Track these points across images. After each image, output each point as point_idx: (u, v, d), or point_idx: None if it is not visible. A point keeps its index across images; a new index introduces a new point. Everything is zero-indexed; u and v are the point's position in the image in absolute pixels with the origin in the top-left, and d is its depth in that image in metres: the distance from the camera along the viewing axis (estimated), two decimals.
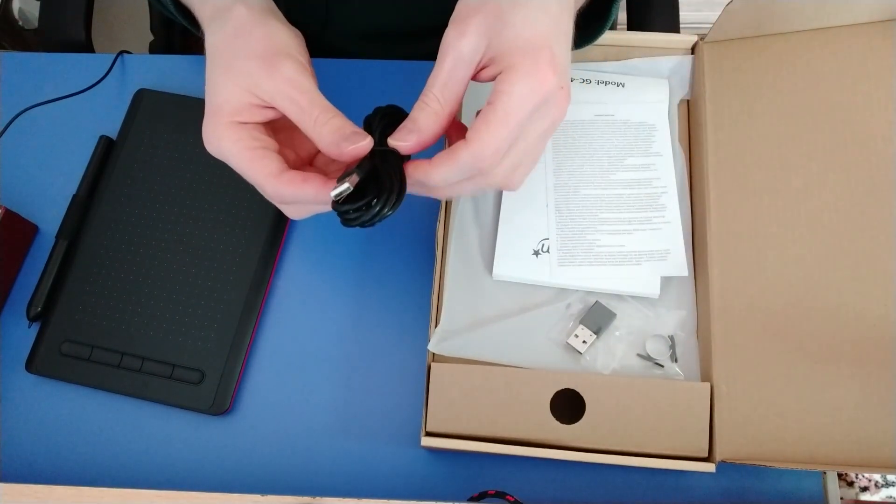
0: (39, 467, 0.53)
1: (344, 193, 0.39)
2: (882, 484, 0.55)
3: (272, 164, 0.40)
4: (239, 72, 0.40)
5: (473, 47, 0.38)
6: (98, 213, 0.58)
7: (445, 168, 0.39)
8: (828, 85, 0.52)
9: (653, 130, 0.56)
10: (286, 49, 0.40)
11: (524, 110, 0.38)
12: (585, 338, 0.51)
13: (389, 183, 0.39)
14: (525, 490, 0.51)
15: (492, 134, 0.37)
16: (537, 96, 0.38)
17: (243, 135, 0.40)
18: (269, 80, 0.39)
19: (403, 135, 0.39)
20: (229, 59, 0.40)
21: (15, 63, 0.64)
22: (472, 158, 0.38)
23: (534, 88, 0.37)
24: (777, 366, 0.48)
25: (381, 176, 0.39)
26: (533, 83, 0.37)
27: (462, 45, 0.38)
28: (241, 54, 0.40)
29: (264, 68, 0.39)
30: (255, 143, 0.40)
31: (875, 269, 0.48)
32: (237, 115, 0.40)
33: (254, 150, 0.40)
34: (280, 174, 0.40)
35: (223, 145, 0.40)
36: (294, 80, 0.39)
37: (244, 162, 0.40)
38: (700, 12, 1.25)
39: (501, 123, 0.37)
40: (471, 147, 0.38)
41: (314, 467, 0.52)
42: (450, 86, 0.39)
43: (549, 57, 0.38)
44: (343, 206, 0.39)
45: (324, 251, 0.58)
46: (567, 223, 0.54)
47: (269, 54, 0.39)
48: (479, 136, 0.37)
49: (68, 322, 0.55)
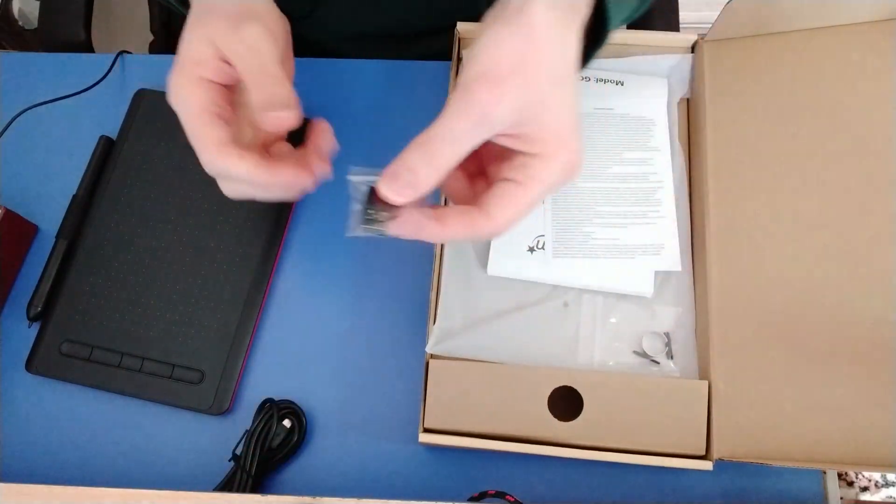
0: (39, 467, 0.53)
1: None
2: (882, 484, 0.55)
3: (217, 132, 0.39)
4: (206, 25, 0.39)
5: (505, 117, 0.35)
6: (98, 213, 0.58)
7: (457, 231, 0.37)
8: (828, 84, 0.52)
9: (651, 125, 0.56)
10: (255, 12, 0.40)
11: (548, 194, 0.38)
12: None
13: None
14: (525, 490, 0.51)
15: (517, 215, 0.37)
16: (564, 182, 0.37)
17: (202, 94, 0.39)
18: (229, 35, 0.39)
19: (400, 187, 0.36)
20: (202, 15, 0.40)
21: (15, 63, 0.64)
22: (490, 233, 0.37)
23: (564, 177, 0.37)
24: (775, 364, 0.48)
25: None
26: (566, 172, 0.37)
27: (495, 112, 0.35)
28: (214, 12, 0.40)
29: (229, 25, 0.39)
30: (211, 107, 0.39)
31: (874, 268, 0.48)
32: (200, 66, 0.39)
33: (205, 113, 0.39)
34: (220, 146, 0.39)
35: (180, 96, 0.39)
36: (253, 41, 0.39)
37: (192, 121, 0.39)
38: (700, 12, 1.25)
39: (528, 207, 0.37)
40: (492, 223, 0.37)
41: (314, 467, 0.52)
42: (462, 145, 0.36)
43: (580, 145, 0.37)
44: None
45: (323, 251, 0.58)
46: (563, 215, 0.54)
47: (238, 15, 0.39)
48: (504, 216, 0.37)
49: (68, 322, 0.55)
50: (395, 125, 0.60)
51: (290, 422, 0.52)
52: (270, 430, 0.51)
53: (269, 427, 0.51)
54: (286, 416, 0.52)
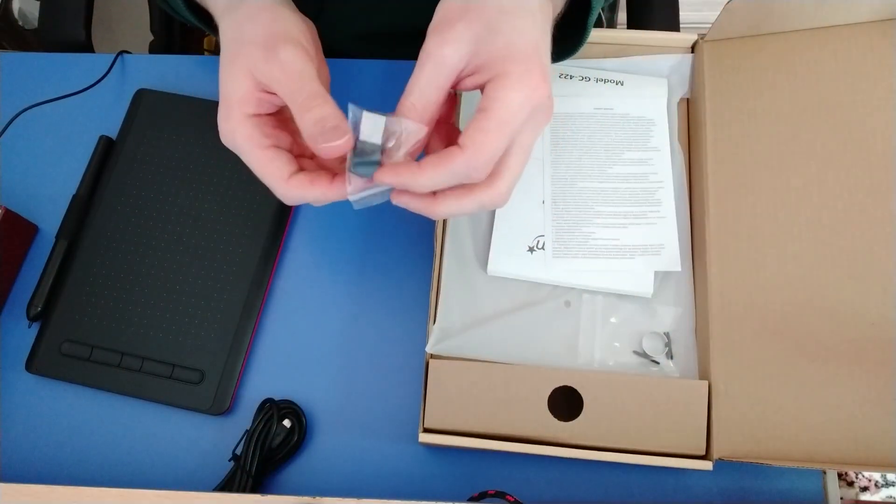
0: (39, 467, 0.53)
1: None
2: (882, 484, 0.55)
3: (282, 167, 0.40)
4: (243, 57, 0.40)
5: (457, 55, 0.38)
6: (98, 213, 0.58)
7: (436, 171, 0.38)
8: (827, 84, 0.52)
9: (651, 125, 0.56)
10: (288, 34, 0.40)
11: (518, 119, 0.38)
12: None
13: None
14: (525, 490, 0.51)
15: (488, 141, 0.37)
16: (531, 104, 0.38)
17: (254, 132, 0.40)
18: (266, 63, 0.39)
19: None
20: (236, 47, 0.40)
21: (15, 63, 0.64)
22: (466, 165, 0.38)
23: (528, 96, 0.37)
24: (775, 364, 0.48)
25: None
26: (528, 91, 0.37)
27: (445, 53, 0.37)
28: (246, 40, 0.40)
29: (263, 52, 0.39)
30: (266, 142, 0.40)
31: (874, 268, 0.48)
32: (246, 104, 0.40)
33: (264, 150, 0.40)
34: (289, 178, 0.40)
35: (236, 140, 0.40)
36: (288, 63, 0.39)
37: (256, 162, 0.40)
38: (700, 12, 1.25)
39: (497, 131, 0.37)
40: (465, 153, 0.37)
41: (313, 467, 0.52)
42: (427, 93, 0.38)
43: (539, 65, 0.38)
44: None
45: (323, 251, 0.58)
46: (563, 215, 0.54)
47: (270, 39, 0.39)
48: (475, 143, 0.37)
49: (68, 322, 0.55)
50: None
51: (290, 422, 0.52)
52: (270, 430, 0.51)
53: (269, 427, 0.51)
54: (286, 416, 0.52)
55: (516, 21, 0.38)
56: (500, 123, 0.37)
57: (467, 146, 0.37)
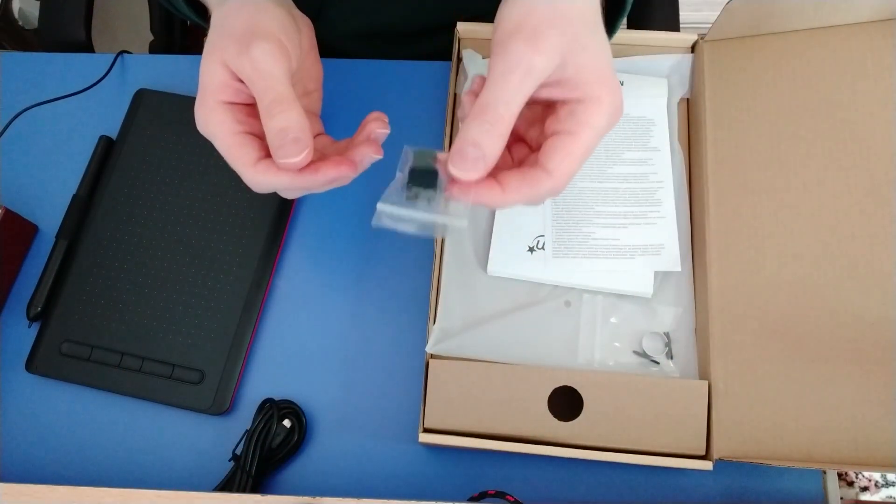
0: (39, 467, 0.53)
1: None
2: (882, 484, 0.55)
3: (251, 153, 0.40)
4: (218, 49, 0.40)
5: (548, 66, 0.36)
6: (98, 213, 0.58)
7: (522, 196, 0.37)
8: (827, 84, 0.52)
9: (651, 125, 0.56)
10: (265, 30, 0.40)
11: (599, 140, 0.38)
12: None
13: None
14: (525, 490, 0.51)
15: (574, 166, 0.37)
16: (612, 125, 0.38)
17: (227, 118, 0.40)
18: (237, 57, 0.39)
19: (469, 164, 0.36)
20: (215, 38, 0.40)
21: (15, 63, 0.64)
22: (551, 190, 0.37)
23: (612, 120, 0.37)
24: (775, 364, 0.48)
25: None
26: (613, 115, 0.37)
27: (536, 62, 0.35)
28: (225, 32, 0.40)
29: (237, 46, 0.39)
30: (238, 128, 0.40)
31: (874, 268, 0.48)
32: (221, 92, 0.40)
33: (235, 136, 0.40)
34: (256, 163, 0.40)
35: (209, 126, 0.40)
36: (258, 61, 0.38)
37: (225, 147, 0.40)
38: (700, 12, 1.25)
39: (583, 156, 0.37)
40: (553, 178, 0.37)
41: (313, 467, 0.52)
42: (516, 103, 0.36)
43: (618, 84, 0.38)
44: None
45: (323, 251, 0.58)
46: (563, 215, 0.54)
47: (245, 34, 0.39)
48: (561, 169, 0.37)
49: (68, 322, 0.55)
50: (396, 125, 0.60)
51: (290, 422, 0.52)
52: (270, 430, 0.51)
53: (269, 427, 0.51)
54: (286, 416, 0.52)
55: (599, 35, 0.38)
56: (587, 149, 0.37)
57: (554, 173, 0.37)
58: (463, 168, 0.36)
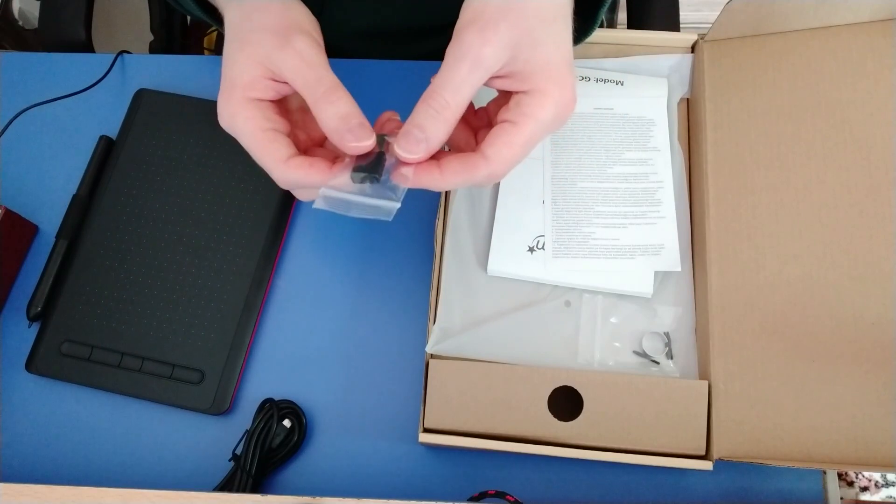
0: (39, 467, 0.53)
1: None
2: (882, 484, 0.55)
3: (281, 149, 0.39)
4: (253, 44, 0.39)
5: (497, 57, 0.37)
6: (98, 213, 0.58)
7: (457, 178, 0.38)
8: (827, 84, 0.52)
9: (651, 125, 0.56)
10: (301, 24, 0.40)
11: (545, 133, 0.38)
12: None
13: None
14: (525, 490, 0.51)
15: (513, 155, 0.38)
16: (559, 120, 0.38)
17: (256, 114, 0.39)
18: (280, 51, 0.38)
19: (412, 145, 0.38)
20: (245, 33, 0.40)
21: (15, 63, 0.64)
22: (488, 176, 0.38)
23: (558, 114, 0.38)
24: (775, 364, 0.48)
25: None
26: (560, 109, 0.38)
27: (485, 52, 0.36)
28: (257, 27, 0.40)
29: (277, 40, 0.39)
30: (267, 125, 0.40)
31: (874, 268, 0.48)
32: (250, 89, 0.39)
33: (265, 132, 0.39)
34: (287, 160, 0.39)
35: (236, 122, 0.40)
36: (305, 53, 0.38)
37: (254, 143, 0.40)
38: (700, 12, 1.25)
39: (524, 146, 0.38)
40: (490, 165, 0.37)
41: (313, 467, 0.52)
42: (462, 91, 0.37)
43: (572, 80, 0.38)
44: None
45: (324, 251, 0.58)
46: (563, 215, 0.54)
47: (283, 28, 0.39)
48: (500, 156, 0.37)
49: (68, 322, 0.55)
50: None
51: (290, 422, 0.52)
52: (270, 430, 0.51)
53: (269, 427, 0.51)
54: (286, 416, 0.52)
55: (554, 30, 0.38)
56: (529, 139, 0.38)
57: (492, 159, 0.37)
58: (406, 149, 0.38)
